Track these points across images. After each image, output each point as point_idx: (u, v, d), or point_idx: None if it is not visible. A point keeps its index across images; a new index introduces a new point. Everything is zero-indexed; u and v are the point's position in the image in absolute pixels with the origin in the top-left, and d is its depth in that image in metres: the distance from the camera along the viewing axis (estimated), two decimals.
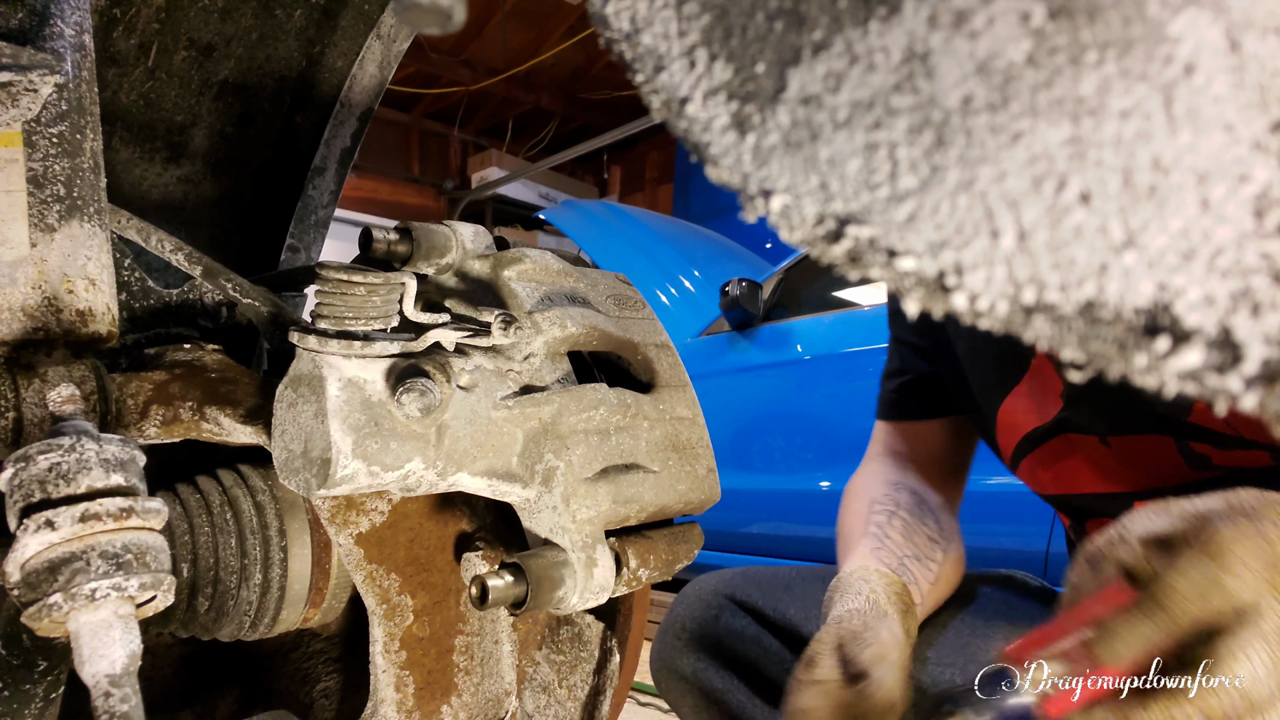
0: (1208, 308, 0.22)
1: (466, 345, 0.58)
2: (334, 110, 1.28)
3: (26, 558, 0.46)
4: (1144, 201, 0.22)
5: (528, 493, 0.59)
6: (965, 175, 0.24)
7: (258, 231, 1.32)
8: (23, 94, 0.56)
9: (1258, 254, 0.22)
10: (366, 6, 1.21)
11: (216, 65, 1.15)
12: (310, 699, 0.80)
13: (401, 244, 0.62)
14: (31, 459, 0.47)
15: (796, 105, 0.26)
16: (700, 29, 0.28)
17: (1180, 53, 0.21)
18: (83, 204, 0.61)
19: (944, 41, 0.23)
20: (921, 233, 0.25)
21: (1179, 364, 0.23)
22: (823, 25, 0.25)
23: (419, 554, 0.67)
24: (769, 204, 0.27)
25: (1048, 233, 0.23)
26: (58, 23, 0.59)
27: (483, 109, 7.14)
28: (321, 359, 0.53)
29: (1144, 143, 0.22)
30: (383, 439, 0.52)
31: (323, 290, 0.53)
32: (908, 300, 0.26)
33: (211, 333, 0.90)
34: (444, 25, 0.27)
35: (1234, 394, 0.23)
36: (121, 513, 0.47)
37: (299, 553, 0.69)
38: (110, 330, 0.63)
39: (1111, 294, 0.23)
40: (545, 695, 0.74)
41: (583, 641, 0.75)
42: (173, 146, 1.18)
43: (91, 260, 0.62)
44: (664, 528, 0.64)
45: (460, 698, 0.68)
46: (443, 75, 6.47)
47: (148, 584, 0.47)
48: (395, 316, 0.55)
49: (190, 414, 0.65)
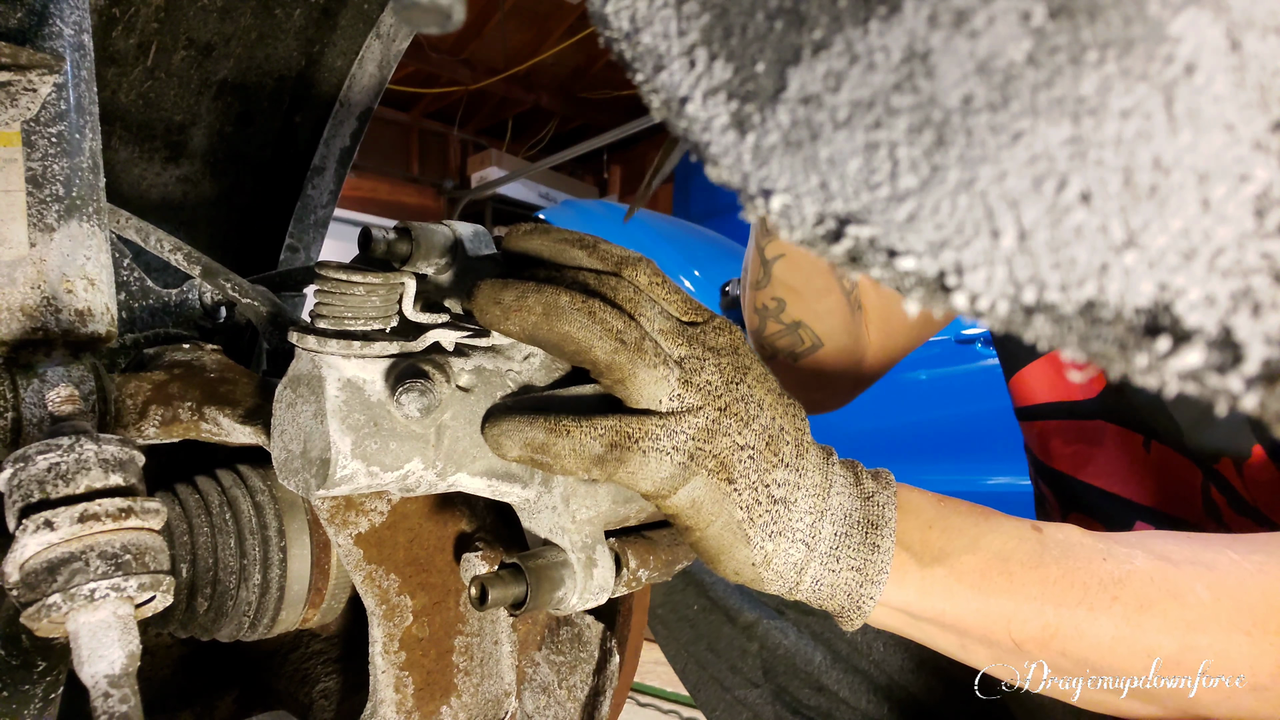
0: (1208, 308, 0.22)
1: (466, 345, 0.58)
2: (333, 110, 1.28)
3: (25, 558, 0.46)
4: (1144, 201, 0.22)
5: (527, 493, 0.59)
6: (965, 175, 0.24)
7: (257, 231, 1.32)
8: (21, 93, 0.56)
9: (1258, 254, 0.22)
10: (366, 6, 1.21)
11: (216, 65, 1.15)
12: (309, 699, 0.80)
13: (401, 243, 0.62)
14: (30, 459, 0.47)
15: (796, 105, 0.26)
16: (700, 28, 0.28)
17: (1181, 52, 0.21)
18: (82, 204, 0.61)
19: (944, 41, 0.23)
20: (922, 232, 0.25)
21: (1180, 364, 0.23)
22: (823, 24, 0.25)
23: (418, 554, 0.67)
24: (769, 203, 0.27)
25: (1048, 232, 0.23)
26: (57, 22, 0.59)
27: (482, 108, 7.14)
28: (320, 359, 0.53)
29: (1144, 142, 0.22)
30: (382, 439, 0.52)
31: (322, 290, 0.53)
32: (908, 300, 0.26)
33: (210, 333, 0.90)
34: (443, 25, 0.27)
35: (1234, 394, 0.23)
36: (120, 513, 0.47)
37: (298, 553, 0.69)
38: (109, 330, 0.63)
39: (1112, 294, 0.23)
40: (545, 696, 0.74)
41: (582, 642, 0.75)
42: (172, 146, 1.18)
43: (90, 260, 0.62)
44: (664, 528, 0.64)
45: (460, 698, 0.68)
46: (442, 75, 6.47)
47: (147, 584, 0.47)
48: (395, 317, 0.55)
49: (189, 414, 0.65)
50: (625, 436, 0.50)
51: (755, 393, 0.53)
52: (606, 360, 0.50)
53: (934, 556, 0.53)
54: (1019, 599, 0.53)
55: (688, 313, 0.55)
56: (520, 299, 0.50)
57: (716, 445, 0.51)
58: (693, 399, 0.51)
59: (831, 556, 0.52)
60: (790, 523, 0.52)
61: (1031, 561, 0.53)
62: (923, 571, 0.53)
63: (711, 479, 0.51)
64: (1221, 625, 0.51)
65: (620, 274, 0.54)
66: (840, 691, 0.97)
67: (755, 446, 0.52)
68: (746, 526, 0.51)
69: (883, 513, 0.54)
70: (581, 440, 0.50)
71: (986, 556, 0.53)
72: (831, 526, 0.53)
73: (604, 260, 0.55)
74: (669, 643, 1.13)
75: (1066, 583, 0.53)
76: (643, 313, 0.52)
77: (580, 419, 0.50)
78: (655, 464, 0.50)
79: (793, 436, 0.54)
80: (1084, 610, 0.52)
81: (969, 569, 0.53)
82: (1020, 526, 0.56)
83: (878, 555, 0.52)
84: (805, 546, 0.52)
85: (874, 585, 0.52)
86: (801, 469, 0.53)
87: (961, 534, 0.54)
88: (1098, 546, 0.55)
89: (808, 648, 0.99)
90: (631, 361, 0.50)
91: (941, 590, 0.53)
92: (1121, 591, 0.52)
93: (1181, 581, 0.53)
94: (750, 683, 1.05)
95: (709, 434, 0.51)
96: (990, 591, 0.53)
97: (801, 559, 0.52)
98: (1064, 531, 0.56)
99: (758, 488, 0.52)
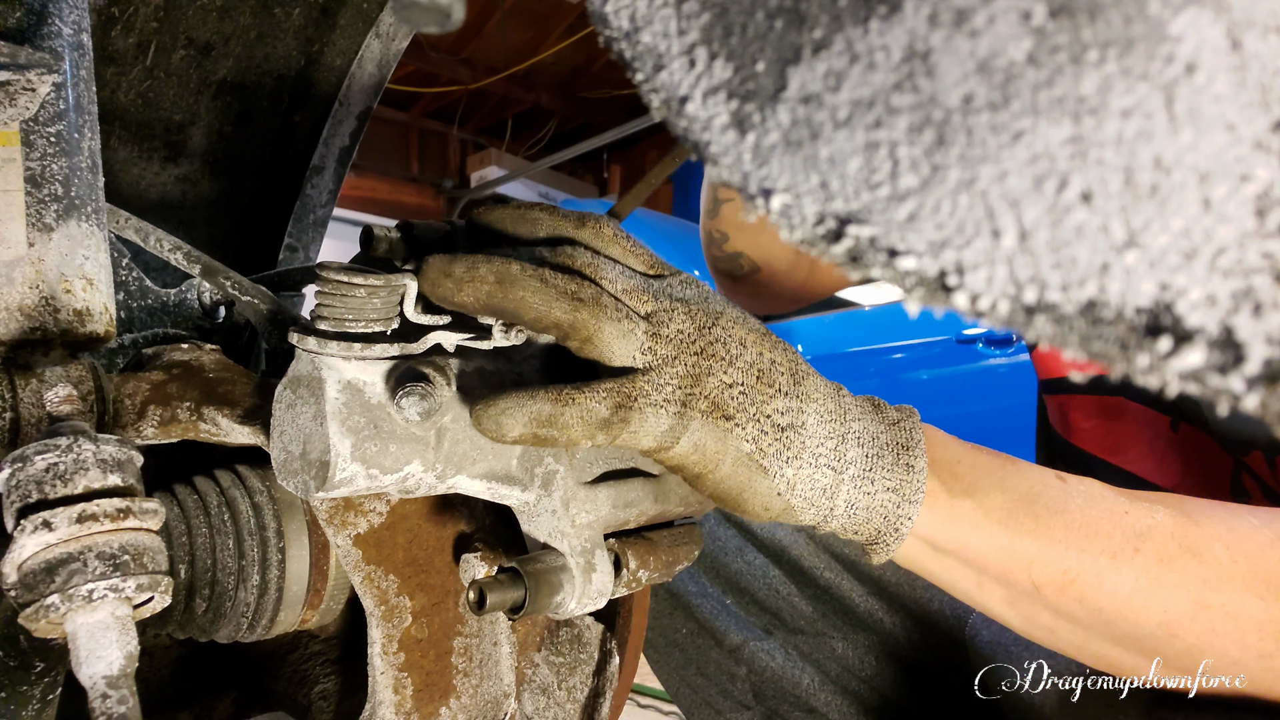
0: (1210, 307, 0.22)
1: (468, 347, 0.58)
2: (332, 109, 1.28)
3: (23, 558, 0.46)
4: (1145, 201, 0.22)
5: (527, 496, 0.59)
6: (966, 174, 0.24)
7: (256, 231, 1.31)
8: (20, 93, 0.55)
9: (1260, 253, 0.22)
10: (365, 5, 1.21)
11: (215, 64, 1.15)
12: (308, 700, 0.80)
13: (403, 242, 0.62)
14: (29, 459, 0.47)
15: (797, 104, 0.26)
16: (700, 27, 0.28)
17: (1182, 51, 0.21)
18: (80, 203, 0.61)
19: (945, 40, 0.23)
20: (922, 232, 0.25)
21: (1181, 364, 0.23)
22: (823, 24, 0.25)
23: (417, 555, 0.67)
24: (769, 203, 0.27)
25: (1049, 232, 0.23)
26: (56, 21, 0.59)
27: (482, 108, 7.14)
28: (321, 360, 0.52)
29: (1145, 142, 0.22)
30: (382, 442, 0.52)
31: (323, 291, 0.53)
32: (908, 300, 0.26)
33: (209, 333, 0.90)
34: (443, 24, 0.27)
35: (1236, 394, 0.23)
36: (119, 513, 0.47)
37: (297, 554, 0.69)
38: (108, 330, 0.63)
39: (1113, 294, 0.23)
40: (544, 697, 0.74)
41: (582, 643, 0.75)
42: (171, 145, 1.18)
43: (89, 260, 0.62)
44: (665, 529, 0.64)
45: (459, 699, 0.68)
46: (442, 74, 6.47)
47: (145, 585, 0.47)
48: (396, 319, 0.55)
49: (188, 414, 0.65)
50: (626, 396, 0.49)
51: (734, 332, 0.52)
52: (568, 320, 0.49)
53: (962, 489, 0.53)
54: (1043, 541, 0.53)
55: (653, 267, 0.55)
56: (471, 270, 0.50)
57: (704, 387, 0.50)
58: (665, 350, 0.51)
59: (865, 479, 0.52)
60: (806, 447, 0.51)
61: (1057, 506, 0.53)
62: (951, 501, 0.53)
63: (707, 420, 0.50)
64: (1235, 586, 0.52)
65: (577, 238, 0.54)
66: (830, 714, 0.96)
67: (745, 383, 0.51)
68: (758, 458, 0.50)
69: (911, 435, 0.53)
70: (587, 405, 0.49)
71: (1013, 497, 0.53)
72: (859, 449, 0.52)
73: (564, 219, 0.55)
74: (661, 667, 1.14)
75: (1091, 530, 0.53)
76: (603, 275, 0.52)
77: (580, 385, 0.50)
78: (653, 419, 0.49)
79: (786, 368, 0.53)
80: (1106, 559, 0.52)
81: (995, 506, 0.53)
82: (1045, 473, 0.56)
83: (913, 475, 0.52)
84: (832, 470, 0.51)
85: (911, 505, 0.52)
86: (803, 395, 0.52)
87: (989, 473, 0.54)
88: (1120, 499, 0.55)
89: (795, 670, 0.99)
90: (594, 316, 0.49)
91: (968, 523, 0.53)
92: (1143, 544, 0.52)
93: (1202, 540, 0.53)
94: (741, 705, 1.04)
95: (693, 379, 0.50)
96: (1016, 531, 0.53)
97: (830, 483, 0.51)
98: (1086, 484, 0.56)
99: (759, 419, 0.51)
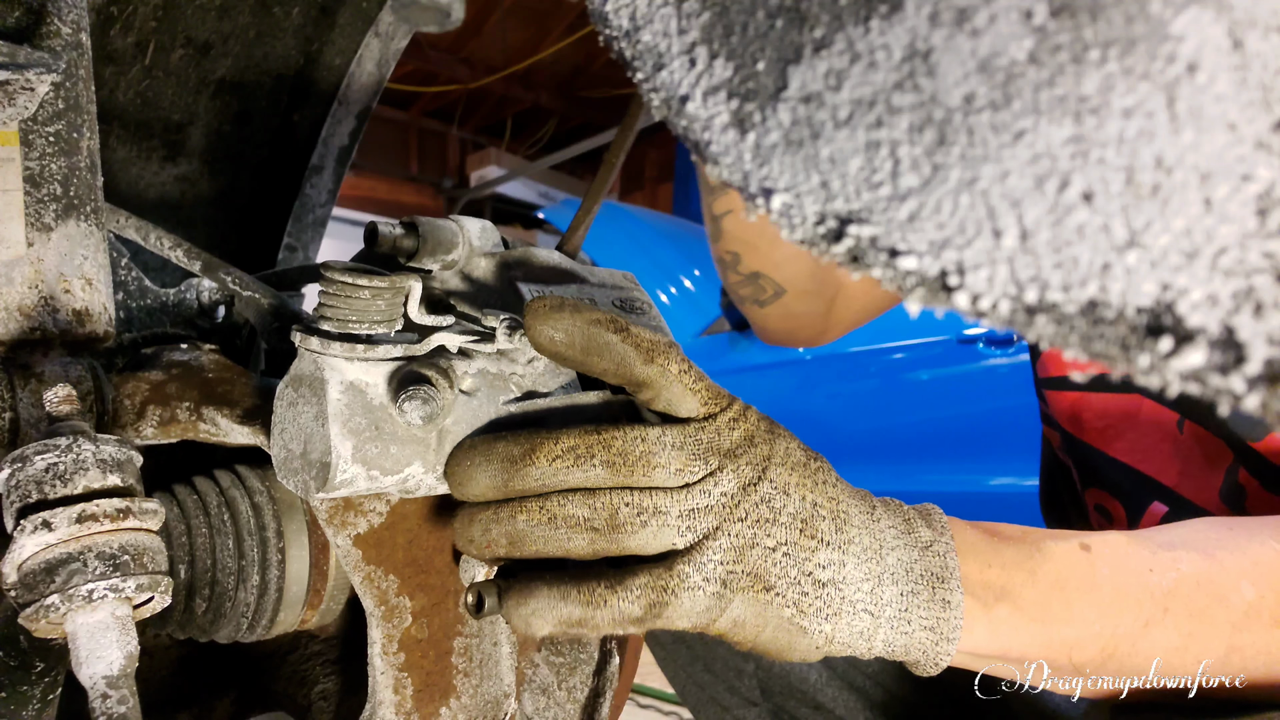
0: (1211, 308, 0.22)
1: (470, 348, 0.58)
2: (332, 108, 1.28)
3: (23, 559, 0.46)
4: (1147, 201, 0.22)
5: None
6: (967, 174, 0.24)
7: (255, 230, 1.31)
8: (19, 92, 0.55)
9: (1261, 253, 0.22)
10: (365, 4, 1.21)
11: (214, 63, 1.14)
12: (308, 701, 0.80)
13: (407, 239, 0.62)
14: (28, 459, 0.47)
15: (797, 103, 0.26)
16: (700, 26, 0.27)
17: (1183, 51, 0.21)
18: (79, 203, 0.61)
19: (946, 39, 0.23)
20: (923, 232, 0.24)
21: (1182, 364, 0.23)
22: (824, 23, 0.25)
23: (417, 555, 0.67)
24: (770, 203, 0.27)
25: (1050, 232, 0.23)
26: (54, 21, 0.59)
27: (481, 107, 7.14)
28: (323, 361, 0.52)
29: (1147, 141, 0.22)
30: (383, 443, 0.52)
31: (326, 291, 0.53)
32: (909, 299, 0.26)
33: (208, 332, 0.90)
34: (442, 23, 0.27)
35: (1237, 394, 0.23)
36: (118, 513, 0.47)
37: (297, 554, 0.69)
38: (107, 330, 0.63)
39: (1114, 294, 0.23)
40: (545, 697, 0.74)
41: (582, 643, 0.75)
42: (170, 145, 1.18)
43: (88, 260, 0.62)
44: None
45: (459, 700, 0.68)
46: (441, 73, 6.47)
47: (145, 585, 0.47)
48: (399, 319, 0.55)
49: (187, 414, 0.65)
50: (661, 591, 0.48)
51: (779, 479, 0.51)
52: (604, 547, 0.49)
53: (996, 595, 0.53)
54: (1078, 625, 0.53)
55: (707, 403, 0.52)
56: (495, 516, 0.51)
57: (747, 561, 0.49)
58: (707, 522, 0.49)
59: (901, 619, 0.51)
60: (846, 598, 0.51)
61: (1086, 584, 0.54)
62: (988, 614, 0.53)
63: (747, 595, 0.49)
64: (1264, 622, 0.52)
65: (641, 378, 0.51)
66: (836, 709, 0.97)
67: (789, 540, 0.50)
68: (799, 620, 0.50)
69: (945, 563, 0.53)
70: (619, 608, 0.48)
71: (1045, 587, 0.54)
72: (894, 587, 0.51)
73: (634, 352, 0.51)
74: (667, 664, 1.13)
75: (1121, 602, 0.53)
76: (654, 465, 0.50)
77: (614, 581, 0.49)
78: (689, 602, 0.48)
79: (828, 510, 0.52)
80: (1139, 628, 0.53)
81: (1030, 602, 0.53)
82: (1069, 547, 0.56)
83: (949, 612, 0.52)
84: (870, 615, 0.51)
85: (949, 643, 0.52)
86: (846, 543, 0.51)
87: (1018, 567, 0.54)
88: (1143, 555, 0.55)
89: (802, 666, 0.99)
90: (631, 535, 0.49)
91: (1007, 629, 0.53)
92: (1172, 603, 0.53)
93: (1226, 582, 0.54)
94: (748, 702, 1.04)
95: (737, 552, 0.49)
96: (1051, 621, 0.53)
97: (868, 628, 0.51)
98: (1110, 544, 0.56)
99: (800, 580, 0.50)
